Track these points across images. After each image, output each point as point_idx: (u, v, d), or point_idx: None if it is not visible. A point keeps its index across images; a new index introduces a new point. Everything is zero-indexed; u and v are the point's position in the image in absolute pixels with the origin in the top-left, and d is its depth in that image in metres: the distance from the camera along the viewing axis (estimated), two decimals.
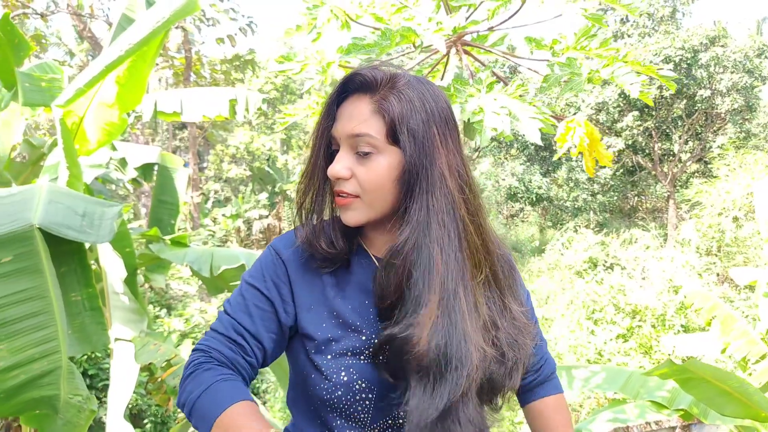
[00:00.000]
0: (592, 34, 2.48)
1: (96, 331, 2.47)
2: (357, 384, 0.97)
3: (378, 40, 2.17)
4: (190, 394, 0.93)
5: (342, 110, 0.99)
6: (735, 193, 12.03)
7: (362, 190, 0.97)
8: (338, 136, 0.98)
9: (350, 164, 0.97)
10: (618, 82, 2.26)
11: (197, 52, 14.32)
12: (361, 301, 1.02)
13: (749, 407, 3.09)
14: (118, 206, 2.50)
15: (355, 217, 0.99)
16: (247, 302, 1.02)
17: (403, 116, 0.94)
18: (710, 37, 16.54)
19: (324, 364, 0.98)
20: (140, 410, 6.18)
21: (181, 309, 8.51)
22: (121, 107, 3.61)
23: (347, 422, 0.99)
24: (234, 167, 21.60)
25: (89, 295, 2.48)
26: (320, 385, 0.98)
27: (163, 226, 4.27)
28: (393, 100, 0.95)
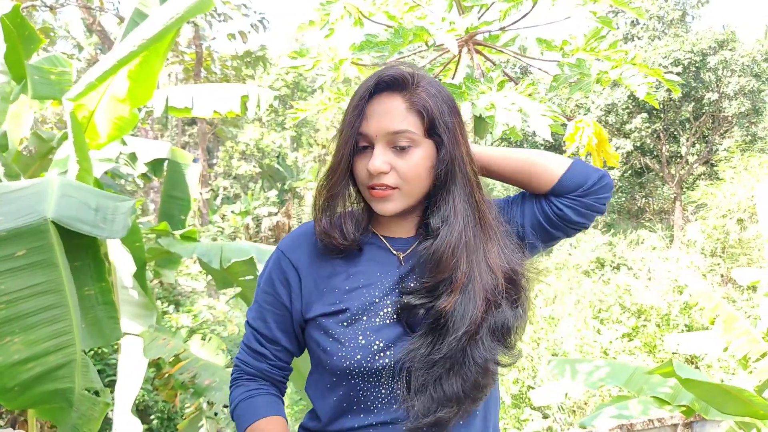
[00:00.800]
0: (602, 36, 2.51)
1: (109, 325, 2.51)
2: (375, 344, 1.02)
3: (391, 38, 2.20)
4: (231, 405, 1.13)
5: (373, 108, 1.04)
6: (739, 196, 12.02)
7: (402, 182, 1.04)
8: (373, 133, 1.03)
9: (388, 159, 1.03)
10: (626, 84, 2.28)
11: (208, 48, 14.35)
12: (372, 271, 1.09)
13: (749, 405, 3.12)
14: (131, 201, 2.53)
15: (394, 207, 1.06)
16: (261, 308, 1.13)
17: (438, 112, 1.04)
18: (719, 40, 16.51)
19: (340, 332, 1.03)
20: (147, 406, 6.22)
21: (189, 305, 8.55)
22: (132, 102, 3.64)
23: (370, 384, 1.03)
24: (243, 164, 21.67)
25: (102, 289, 2.51)
26: (339, 354, 1.02)
27: (174, 222, 4.31)
28: (425, 96, 1.04)
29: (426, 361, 1.00)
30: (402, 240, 1.13)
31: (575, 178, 1.13)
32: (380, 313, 1.05)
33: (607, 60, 2.49)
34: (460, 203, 1.06)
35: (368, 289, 1.07)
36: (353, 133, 1.04)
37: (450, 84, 2.23)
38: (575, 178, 1.13)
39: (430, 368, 1.00)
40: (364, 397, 1.03)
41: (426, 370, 1.00)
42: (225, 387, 3.09)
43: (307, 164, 22.74)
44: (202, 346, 3.63)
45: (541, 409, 7.25)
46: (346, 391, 1.04)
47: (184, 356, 3.22)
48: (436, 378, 1.00)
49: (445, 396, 0.99)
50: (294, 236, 1.16)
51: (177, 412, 6.13)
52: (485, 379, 1.02)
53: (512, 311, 1.06)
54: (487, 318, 1.03)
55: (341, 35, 2.60)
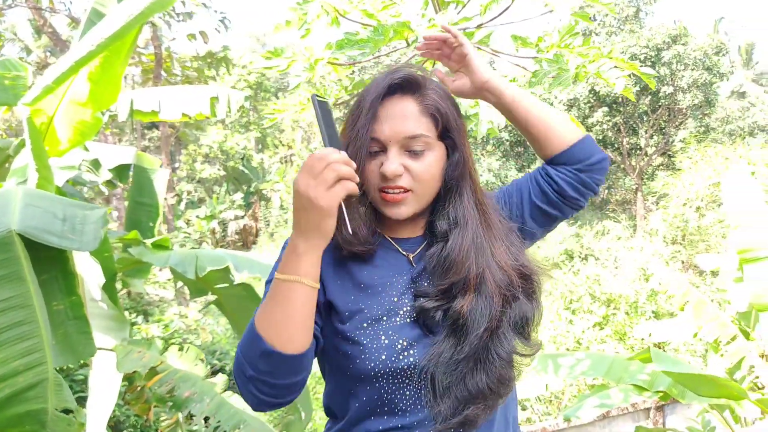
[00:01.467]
0: (575, 33, 2.52)
1: (81, 341, 2.39)
2: (399, 343, 1.00)
3: (371, 35, 2.16)
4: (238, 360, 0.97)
5: (385, 111, 1.03)
6: (698, 185, 12.40)
7: (416, 184, 1.03)
8: (387, 137, 1.02)
9: (403, 161, 1.03)
10: (604, 77, 2.30)
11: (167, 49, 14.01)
12: (386, 272, 1.07)
13: (723, 387, 3.21)
14: (101, 210, 2.43)
15: (407, 211, 1.05)
16: None
17: (450, 115, 1.05)
18: (672, 35, 16.98)
19: (360, 334, 1.00)
20: (118, 421, 6.03)
21: (158, 315, 8.34)
22: (94, 106, 3.50)
23: (395, 385, 1.00)
24: (207, 167, 21.29)
25: (73, 304, 2.40)
26: (362, 357, 0.99)
27: (142, 229, 4.17)
28: (437, 98, 1.04)
29: (450, 363, 0.98)
30: (409, 240, 1.12)
31: (584, 150, 1.16)
32: (400, 313, 1.02)
33: (580, 56, 2.51)
34: (469, 205, 1.07)
35: (385, 289, 1.05)
36: (367, 137, 1.02)
37: None
38: (584, 150, 1.16)
39: (455, 369, 0.98)
40: (389, 399, 1.00)
41: (450, 371, 0.98)
42: (205, 398, 3.00)
43: (273, 166, 22.49)
44: (180, 357, 3.53)
45: (520, 401, 7.33)
46: (370, 395, 1.01)
47: (161, 368, 3.11)
48: (461, 378, 0.98)
49: (471, 394, 0.98)
50: None
51: (150, 426, 5.96)
52: (509, 371, 1.02)
53: (529, 303, 1.07)
54: (506, 312, 1.03)
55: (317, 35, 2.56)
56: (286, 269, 0.93)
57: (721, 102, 19.49)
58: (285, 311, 0.92)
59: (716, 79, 17.20)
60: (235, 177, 21.60)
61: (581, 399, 3.86)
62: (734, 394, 3.22)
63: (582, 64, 2.34)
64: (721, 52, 17.21)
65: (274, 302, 0.93)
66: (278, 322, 0.91)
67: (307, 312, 0.93)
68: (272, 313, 0.92)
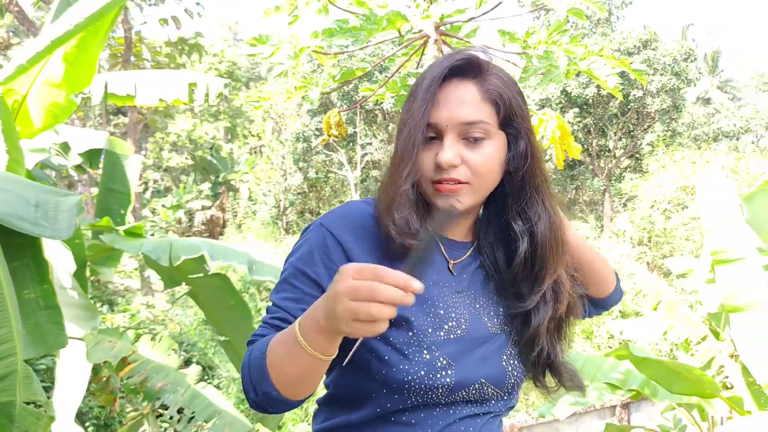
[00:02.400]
0: (564, 30, 2.53)
1: (53, 331, 2.30)
2: (439, 361, 0.94)
3: (363, 24, 2.12)
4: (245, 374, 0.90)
5: (444, 95, 0.96)
6: (666, 188, 12.69)
7: (474, 176, 0.96)
8: (444, 123, 0.95)
9: (459, 151, 0.96)
10: (595, 75, 2.31)
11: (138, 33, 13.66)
12: (435, 279, 1.01)
13: (695, 385, 3.28)
14: (76, 197, 2.34)
15: (462, 202, 0.98)
16: (294, 288, 0.96)
17: (514, 101, 0.97)
18: (643, 40, 17.33)
19: (403, 343, 0.94)
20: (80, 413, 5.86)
21: (124, 304, 8.15)
22: (68, 88, 3.39)
23: (422, 399, 0.95)
24: (175, 156, 20.90)
25: (44, 293, 2.30)
26: (401, 366, 0.93)
27: (113, 217, 4.04)
28: (499, 85, 0.97)
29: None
30: (457, 244, 1.06)
31: (613, 300, 1.22)
32: (444, 327, 0.97)
33: (567, 53, 2.52)
34: (547, 202, 1.02)
35: (430, 298, 0.98)
36: (424, 121, 0.95)
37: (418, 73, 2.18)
38: (613, 300, 1.22)
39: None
40: (410, 413, 0.96)
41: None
42: (179, 389, 2.93)
43: (242, 156, 22.20)
44: (153, 347, 3.44)
45: None
46: (395, 403, 0.95)
47: (132, 359, 3.04)
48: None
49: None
50: (340, 216, 1.01)
51: (115, 417, 5.82)
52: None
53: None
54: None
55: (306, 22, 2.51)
56: (308, 338, 0.81)
57: (688, 107, 19.99)
58: (298, 371, 0.85)
59: (684, 85, 17.62)
60: (203, 166, 21.26)
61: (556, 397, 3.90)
62: (707, 392, 3.30)
63: (573, 61, 2.34)
64: (689, 59, 17.64)
65: (288, 359, 0.84)
66: (290, 379, 0.85)
67: (320, 374, 0.87)
68: (286, 367, 0.85)
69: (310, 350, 0.81)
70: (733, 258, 3.47)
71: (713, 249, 3.51)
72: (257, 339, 0.94)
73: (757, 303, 3.38)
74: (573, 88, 17.10)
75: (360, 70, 2.46)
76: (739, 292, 3.42)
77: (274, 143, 19.61)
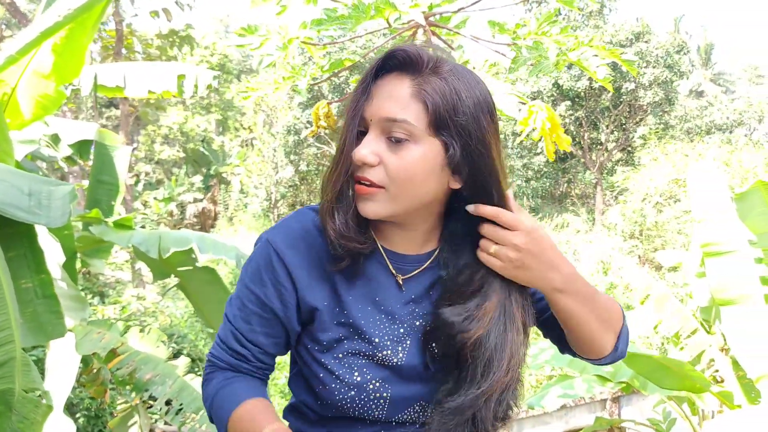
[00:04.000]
0: (554, 21, 2.52)
1: (51, 321, 2.29)
2: (371, 384, 0.94)
3: (351, 12, 2.10)
4: (206, 403, 1.00)
5: (378, 89, 0.89)
6: (657, 181, 12.73)
7: (389, 181, 0.87)
8: (370, 116, 0.88)
9: (379, 150, 0.87)
10: (584, 66, 2.31)
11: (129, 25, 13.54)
12: (373, 300, 0.96)
13: (685, 379, 3.29)
14: (68, 186, 2.33)
15: (375, 209, 0.89)
16: (245, 309, 0.96)
17: (449, 107, 0.86)
18: (635, 32, 17.33)
19: (333, 364, 0.94)
20: (71, 404, 5.84)
21: (115, 296, 8.11)
22: (58, 79, 3.36)
23: (359, 420, 0.97)
24: (167, 148, 20.79)
25: (42, 282, 2.29)
26: (331, 385, 0.94)
27: (102, 208, 4.02)
28: (438, 86, 0.86)
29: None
30: (405, 258, 0.98)
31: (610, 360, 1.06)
32: (379, 355, 0.95)
33: (557, 44, 2.51)
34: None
35: (366, 324, 0.95)
36: (356, 113, 0.89)
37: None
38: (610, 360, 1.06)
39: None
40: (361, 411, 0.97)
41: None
42: (167, 380, 2.93)
43: (233, 149, 22.11)
44: (142, 339, 3.43)
45: None
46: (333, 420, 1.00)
47: (121, 350, 3.02)
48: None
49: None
50: (285, 231, 0.97)
51: (105, 408, 5.81)
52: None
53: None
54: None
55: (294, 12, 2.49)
56: None
57: (680, 100, 20.05)
58: None
59: (676, 78, 17.66)
60: (194, 159, 21.17)
61: (545, 388, 3.92)
62: (697, 386, 3.31)
63: (563, 52, 2.33)
64: (682, 51, 17.67)
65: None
66: None
67: None
68: None
69: None
70: (723, 251, 3.46)
71: (704, 241, 3.51)
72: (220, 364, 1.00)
73: (748, 296, 3.38)
74: (565, 80, 17.10)
75: (348, 60, 2.45)
76: (729, 285, 3.42)
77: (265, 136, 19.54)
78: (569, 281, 0.92)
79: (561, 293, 0.93)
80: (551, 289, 0.92)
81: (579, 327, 0.97)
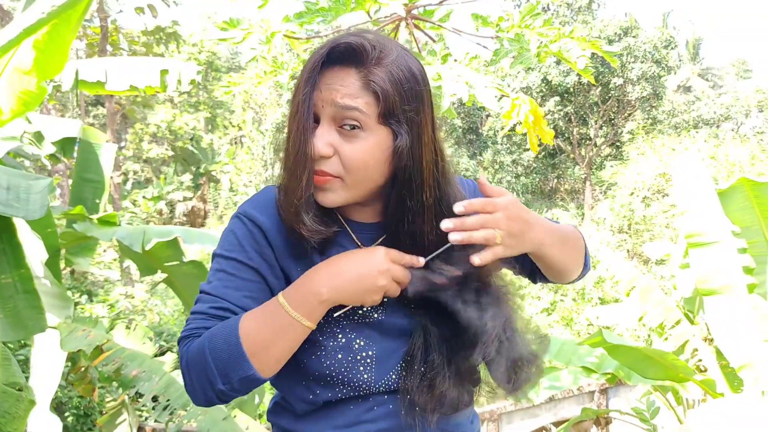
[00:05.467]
0: (536, 13, 2.53)
1: (32, 316, 2.28)
2: (356, 343, 0.96)
3: (332, 4, 2.10)
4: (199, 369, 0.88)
5: (325, 79, 0.89)
6: (645, 175, 12.81)
7: (345, 171, 0.90)
8: (320, 103, 0.89)
9: (333, 140, 0.90)
10: (565, 57, 2.32)
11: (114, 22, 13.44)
12: None
13: (669, 369, 3.33)
14: (46, 179, 2.32)
15: (333, 199, 0.93)
16: (231, 276, 0.94)
17: (397, 97, 0.89)
18: (623, 27, 17.42)
19: (316, 332, 0.94)
20: (60, 403, 5.81)
21: (103, 295, 8.06)
22: (39, 75, 3.31)
23: (349, 387, 0.97)
24: (155, 147, 20.67)
25: (22, 277, 2.28)
26: (317, 353, 0.95)
27: (87, 206, 4.00)
28: (385, 77, 0.88)
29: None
30: (364, 225, 1.02)
31: (581, 277, 1.17)
32: (359, 312, 0.97)
33: (540, 36, 2.52)
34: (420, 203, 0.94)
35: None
36: (304, 102, 0.89)
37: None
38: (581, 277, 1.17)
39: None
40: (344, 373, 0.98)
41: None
42: (154, 377, 2.92)
43: (223, 147, 22.03)
44: (128, 336, 3.42)
45: None
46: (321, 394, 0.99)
47: (107, 347, 3.01)
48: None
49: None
50: (254, 202, 1.00)
51: (94, 407, 5.78)
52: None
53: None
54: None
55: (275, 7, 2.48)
56: (301, 309, 0.87)
57: (668, 95, 20.19)
58: (284, 345, 0.88)
59: (664, 73, 17.78)
60: (183, 157, 21.06)
61: None
62: (680, 375, 3.34)
63: (544, 44, 2.34)
64: (670, 46, 17.78)
65: (274, 333, 0.86)
66: (274, 354, 0.87)
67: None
68: (271, 343, 0.86)
69: (306, 322, 0.87)
70: (707, 241, 3.49)
71: (688, 232, 3.53)
72: (198, 332, 0.92)
73: (731, 286, 3.41)
74: (554, 76, 17.16)
75: None
76: (712, 276, 3.45)
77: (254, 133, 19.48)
78: (547, 233, 0.98)
79: (544, 246, 0.97)
80: (539, 246, 0.96)
81: (559, 264, 1.04)
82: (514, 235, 0.90)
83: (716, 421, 2.60)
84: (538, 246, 0.96)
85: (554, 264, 1.03)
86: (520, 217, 0.91)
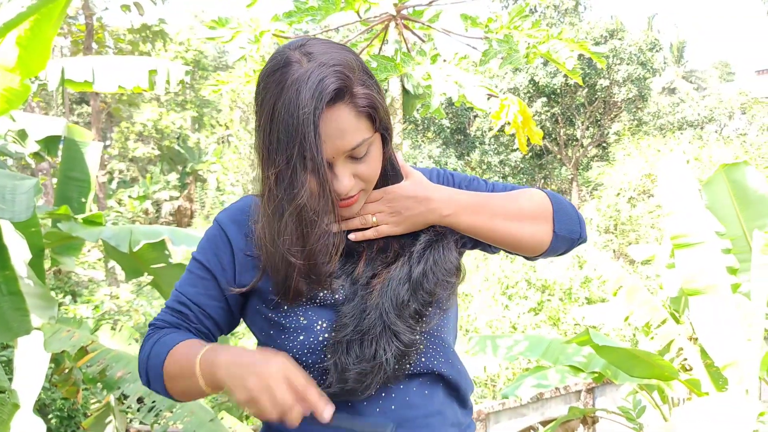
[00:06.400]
0: (525, 15, 2.54)
1: (16, 318, 2.25)
2: (317, 324, 0.99)
3: (321, 4, 2.10)
4: (142, 361, 1.02)
5: (323, 130, 0.91)
6: (631, 175, 12.93)
7: (367, 183, 1.00)
8: (330, 155, 0.94)
9: (351, 171, 0.97)
10: (554, 58, 2.33)
11: (99, 19, 13.29)
12: None
13: (654, 368, 3.36)
14: (32, 180, 2.29)
15: (356, 208, 1.02)
16: (191, 275, 1.07)
17: (376, 104, 0.96)
18: (609, 30, 17.58)
19: (280, 318, 1.00)
20: (43, 405, 5.74)
21: (87, 295, 7.97)
22: (23, 72, 3.28)
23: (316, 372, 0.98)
24: (141, 146, 20.49)
25: (6, 279, 2.26)
26: (281, 337, 0.99)
27: (72, 205, 3.95)
28: (362, 92, 0.94)
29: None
30: None
31: (561, 246, 1.12)
32: (320, 295, 1.01)
33: (529, 37, 2.53)
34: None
35: None
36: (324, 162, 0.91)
37: (383, 56, 2.17)
38: (561, 246, 1.12)
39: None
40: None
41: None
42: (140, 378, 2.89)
43: (210, 146, 21.88)
44: (113, 336, 3.38)
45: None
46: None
47: (92, 348, 2.97)
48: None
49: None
50: (232, 211, 1.10)
51: (78, 409, 5.71)
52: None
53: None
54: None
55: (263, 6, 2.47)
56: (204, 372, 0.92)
57: (653, 97, 20.39)
58: (187, 387, 0.96)
59: (649, 75, 17.95)
60: (170, 157, 20.90)
61: (519, 379, 3.97)
62: (665, 374, 3.38)
63: (533, 45, 2.36)
64: (654, 48, 17.96)
65: (182, 375, 0.95)
66: (181, 388, 0.98)
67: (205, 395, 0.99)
68: (180, 379, 0.96)
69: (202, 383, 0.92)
70: (692, 242, 3.54)
71: (673, 233, 3.57)
72: (161, 324, 1.05)
73: (715, 286, 3.46)
74: (541, 77, 17.26)
75: None
76: (697, 276, 3.49)
77: (241, 133, 19.38)
78: (451, 204, 1.02)
79: (448, 217, 1.03)
80: (440, 218, 1.02)
81: (493, 236, 1.06)
82: (398, 212, 1.01)
83: (701, 420, 2.62)
84: (439, 218, 1.02)
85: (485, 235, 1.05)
86: (403, 196, 1.02)
